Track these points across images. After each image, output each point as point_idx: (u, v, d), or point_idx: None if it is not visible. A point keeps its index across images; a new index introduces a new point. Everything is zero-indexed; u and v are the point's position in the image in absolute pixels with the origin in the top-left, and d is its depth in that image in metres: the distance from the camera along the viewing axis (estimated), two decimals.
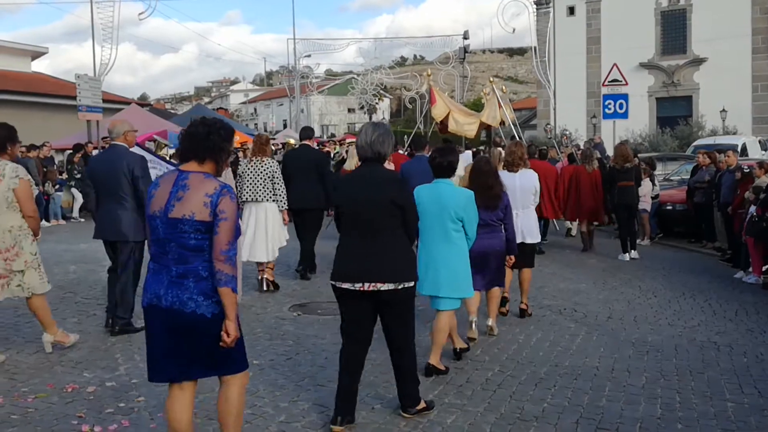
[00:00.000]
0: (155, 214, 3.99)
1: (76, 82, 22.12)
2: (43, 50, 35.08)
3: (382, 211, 5.03)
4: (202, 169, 4.04)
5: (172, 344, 4.01)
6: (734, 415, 5.65)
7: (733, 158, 13.32)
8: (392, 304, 5.12)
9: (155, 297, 4.01)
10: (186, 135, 4.15)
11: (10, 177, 6.54)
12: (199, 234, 3.92)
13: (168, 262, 3.98)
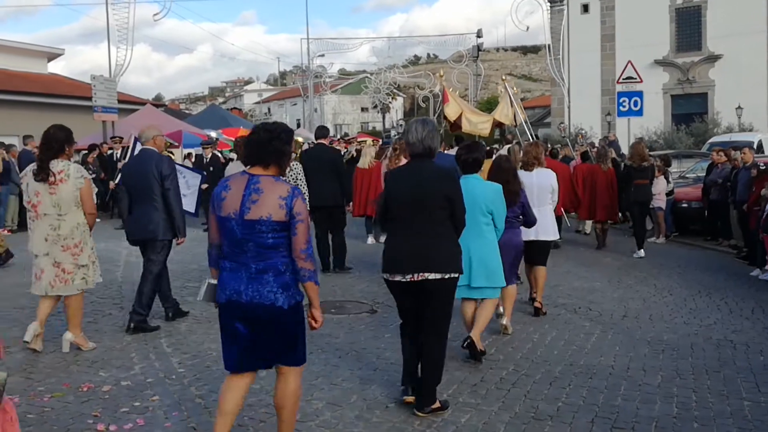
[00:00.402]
0: (230, 217, 4.23)
1: (91, 83, 22.25)
2: (59, 51, 35.26)
3: (434, 205, 5.28)
4: (268, 173, 4.29)
5: (250, 337, 4.30)
6: (751, 414, 5.61)
7: (749, 155, 13.23)
8: (436, 293, 5.34)
9: (235, 293, 4.25)
10: (249, 141, 4.41)
11: (75, 177, 6.89)
12: (275, 233, 4.19)
13: (246, 260, 4.24)
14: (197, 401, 5.78)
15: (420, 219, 5.31)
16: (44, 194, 6.87)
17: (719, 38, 34.67)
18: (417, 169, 5.45)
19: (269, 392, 5.92)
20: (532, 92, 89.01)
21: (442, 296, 5.41)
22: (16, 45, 32.30)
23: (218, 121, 28.46)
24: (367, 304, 9.21)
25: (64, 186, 6.85)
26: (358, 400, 5.83)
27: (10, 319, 8.61)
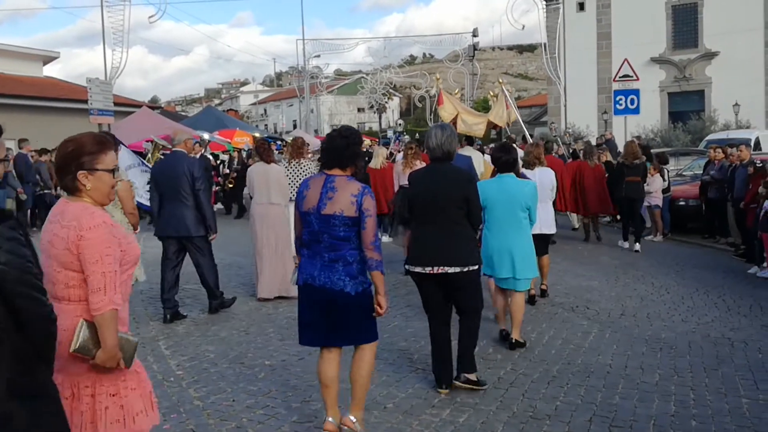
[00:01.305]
0: (309, 211, 4.79)
1: (87, 86, 22.20)
2: (54, 55, 35.21)
3: (453, 204, 5.74)
4: (345, 173, 4.82)
5: (322, 316, 4.82)
6: (749, 411, 5.61)
7: (746, 153, 13.24)
8: (459, 284, 5.83)
9: (310, 277, 4.81)
10: (329, 147, 4.91)
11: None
12: (347, 227, 4.71)
13: (321, 250, 4.78)
14: (196, 403, 5.78)
15: (440, 217, 5.75)
16: None
17: (716, 35, 34.68)
18: (437, 172, 5.88)
19: (267, 394, 5.94)
20: (528, 91, 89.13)
21: (466, 286, 5.88)
22: (12, 48, 32.25)
23: (214, 122, 28.39)
24: None
25: None
26: None
27: None
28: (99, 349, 3.19)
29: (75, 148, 3.32)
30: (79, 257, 3.17)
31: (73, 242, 3.17)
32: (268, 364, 6.82)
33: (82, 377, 3.26)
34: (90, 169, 3.30)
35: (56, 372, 3.09)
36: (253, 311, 9.06)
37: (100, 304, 3.16)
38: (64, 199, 3.37)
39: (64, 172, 3.32)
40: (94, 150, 3.34)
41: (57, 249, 3.22)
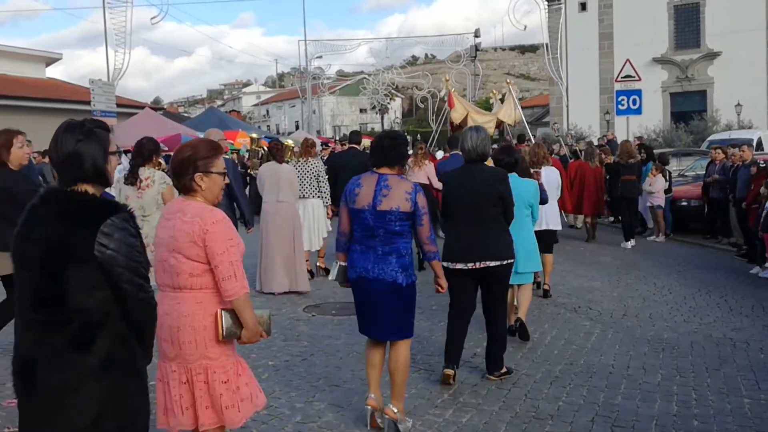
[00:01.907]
0: (364, 209, 5.07)
1: (90, 87, 22.22)
2: (57, 56, 35.23)
3: (489, 202, 6.08)
4: (393, 172, 5.16)
5: (375, 307, 5.13)
6: (751, 411, 5.63)
7: (748, 153, 13.25)
8: (497, 276, 6.18)
9: (364, 270, 5.10)
10: (377, 148, 5.29)
11: (159, 183, 7.55)
12: (401, 222, 5.04)
13: (375, 244, 5.07)
14: None
15: (476, 215, 6.07)
16: (132, 197, 7.47)
17: (718, 35, 34.65)
18: (473, 172, 6.19)
19: (271, 394, 5.95)
20: (530, 91, 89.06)
21: (503, 279, 6.29)
22: (14, 50, 32.29)
23: (217, 123, 28.29)
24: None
25: (149, 191, 7.52)
26: (359, 401, 5.83)
27: (13, 322, 8.62)
28: (242, 329, 3.67)
29: (192, 153, 3.74)
30: (205, 249, 3.57)
31: (199, 235, 3.57)
32: (271, 364, 6.84)
33: (194, 365, 3.65)
34: (205, 171, 3.72)
35: (171, 360, 3.68)
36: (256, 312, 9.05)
37: (233, 290, 3.59)
38: (180, 198, 3.80)
39: (182, 174, 3.72)
40: (208, 155, 3.75)
41: (181, 242, 3.60)
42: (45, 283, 2.94)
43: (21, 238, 3.04)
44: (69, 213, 2.97)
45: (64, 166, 3.05)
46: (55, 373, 2.91)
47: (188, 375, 3.66)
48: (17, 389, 3.06)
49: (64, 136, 3.06)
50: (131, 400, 3.06)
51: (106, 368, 2.95)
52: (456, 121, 18.81)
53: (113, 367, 2.98)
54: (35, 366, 2.95)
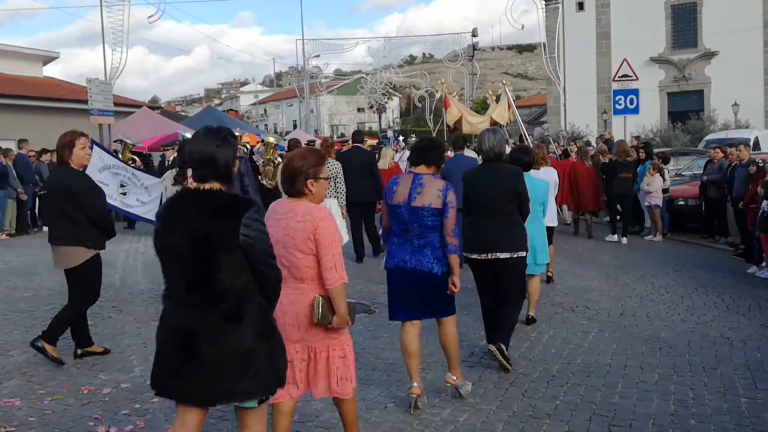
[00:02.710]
0: (399, 204, 5.52)
1: (87, 87, 22.21)
2: (54, 55, 35.16)
3: (506, 198, 6.49)
4: (429, 172, 5.61)
5: (410, 294, 5.56)
6: (748, 410, 5.64)
7: (745, 152, 13.27)
8: (508, 269, 6.51)
9: (401, 261, 5.56)
10: (416, 148, 5.81)
11: None
12: (434, 217, 5.46)
13: (411, 237, 5.53)
14: None
15: (494, 210, 6.47)
16: None
17: (715, 35, 34.72)
18: (491, 170, 6.59)
19: None
20: (527, 91, 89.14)
21: (512, 271, 6.57)
22: (11, 49, 32.20)
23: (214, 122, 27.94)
24: (365, 305, 9.23)
25: None
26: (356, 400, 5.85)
27: (9, 322, 8.64)
28: (333, 316, 4.23)
29: (304, 162, 4.30)
30: (315, 243, 4.16)
31: (311, 231, 4.15)
32: None
33: (317, 344, 4.34)
34: (315, 177, 4.29)
35: (295, 342, 4.31)
36: None
37: (333, 280, 4.19)
38: (289, 200, 4.34)
39: (295, 180, 4.28)
40: (317, 163, 4.34)
41: (296, 239, 4.19)
42: (197, 270, 3.48)
43: (165, 234, 3.58)
44: (211, 209, 3.50)
45: (201, 165, 3.60)
46: (216, 344, 3.48)
47: (310, 353, 4.35)
48: (169, 354, 3.57)
49: (205, 140, 3.63)
50: (276, 358, 3.70)
51: (256, 334, 3.56)
52: (450, 122, 19.74)
53: (260, 333, 3.59)
54: (195, 338, 3.49)
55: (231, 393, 3.55)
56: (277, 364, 3.70)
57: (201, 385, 3.52)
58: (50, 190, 6.90)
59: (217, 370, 3.49)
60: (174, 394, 3.62)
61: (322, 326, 4.27)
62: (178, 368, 3.54)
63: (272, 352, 3.66)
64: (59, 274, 7.47)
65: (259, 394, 3.63)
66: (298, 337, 4.32)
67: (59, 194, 6.65)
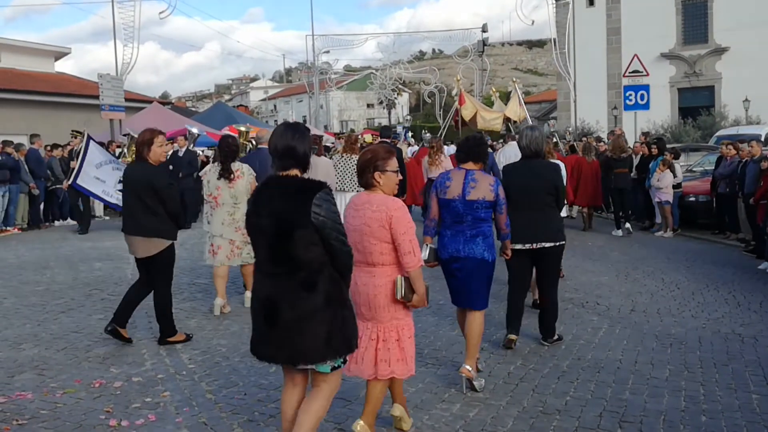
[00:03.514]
0: (454, 198, 5.99)
1: (98, 82, 22.28)
2: (66, 50, 35.30)
3: (545, 191, 6.95)
4: (477, 167, 6.10)
5: (466, 281, 6.02)
6: (759, 407, 5.62)
7: (757, 148, 13.21)
8: (551, 256, 7.05)
9: (455, 251, 6.02)
10: (463, 147, 6.27)
11: (248, 174, 8.62)
12: (486, 209, 5.99)
13: (464, 228, 6.00)
14: (208, 397, 5.82)
15: (534, 202, 6.83)
16: (224, 188, 8.56)
17: (726, 31, 34.52)
18: (530, 166, 7.05)
19: (278, 388, 5.96)
20: (537, 87, 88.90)
21: (555, 258, 7.16)
22: (24, 44, 32.38)
23: (224, 118, 28.38)
24: None
25: (239, 181, 8.55)
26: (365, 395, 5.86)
27: (21, 316, 8.67)
28: (413, 294, 4.67)
29: (372, 156, 4.71)
30: (390, 231, 4.57)
31: (386, 220, 4.56)
32: None
33: (387, 325, 4.73)
34: (382, 170, 4.67)
35: (367, 320, 4.77)
36: None
37: (412, 264, 4.61)
38: (365, 193, 4.73)
39: (365, 172, 4.69)
40: (385, 157, 4.71)
41: (372, 227, 4.58)
42: (279, 244, 4.00)
43: (254, 215, 4.12)
44: (290, 192, 4.01)
45: (283, 155, 4.10)
46: (293, 308, 3.98)
47: (378, 333, 4.75)
48: (259, 322, 4.12)
49: (285, 134, 4.13)
50: (347, 324, 4.11)
51: (328, 302, 4.00)
52: (466, 118, 20.76)
53: (332, 301, 4.03)
54: (277, 304, 4.01)
55: (307, 355, 4.02)
56: (348, 333, 4.11)
57: (283, 348, 4.05)
58: (131, 185, 7.24)
59: (295, 333, 3.99)
60: (265, 356, 4.17)
61: (390, 309, 4.71)
62: (266, 333, 4.09)
63: (344, 321, 4.09)
64: (70, 268, 7.53)
65: (332, 358, 4.07)
66: (369, 317, 4.76)
67: (141, 189, 7.08)
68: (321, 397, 4.18)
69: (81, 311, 8.83)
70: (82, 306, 9.11)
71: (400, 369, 4.79)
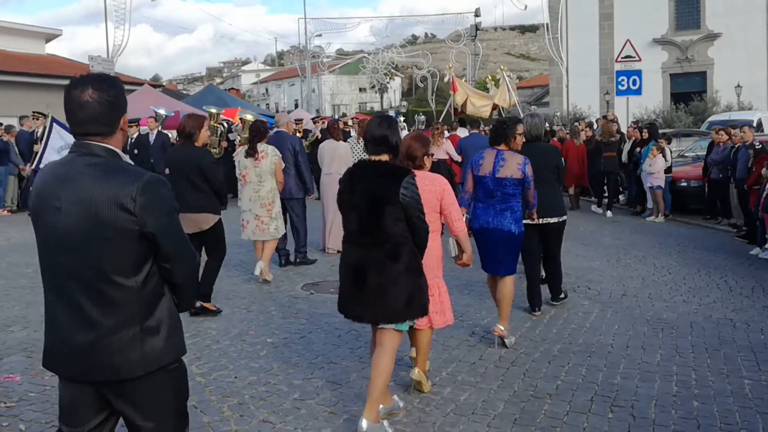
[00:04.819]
0: (486, 176, 6.70)
1: (89, 64, 22.15)
2: (56, 32, 35.00)
3: (548, 171, 7.66)
4: (507, 148, 6.80)
5: (490, 250, 6.77)
6: (751, 392, 5.63)
7: (749, 134, 13.20)
8: (555, 231, 7.84)
9: (485, 222, 6.72)
10: (494, 129, 7.00)
11: (272, 155, 9.29)
12: (514, 186, 6.65)
13: (494, 203, 6.68)
14: (198, 380, 5.79)
15: (538, 181, 7.06)
16: (251, 168, 9.24)
17: (718, 16, 34.43)
18: (533, 149, 7.55)
19: (269, 371, 5.96)
20: (530, 72, 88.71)
21: (559, 232, 7.96)
22: (14, 26, 32.08)
23: (215, 101, 28.03)
24: None
25: (264, 161, 9.23)
26: (357, 378, 5.85)
27: (10, 298, 8.63)
28: (463, 253, 5.62)
29: (421, 144, 5.45)
30: (441, 202, 5.36)
31: (439, 193, 5.35)
32: (269, 341, 6.84)
33: (431, 283, 5.14)
34: (428, 154, 5.46)
35: None
36: (255, 290, 9.08)
37: (461, 228, 5.54)
38: (416, 172, 4.99)
39: (418, 156, 5.36)
40: (427, 144, 5.54)
41: (427, 198, 5.03)
42: (370, 218, 4.65)
43: (348, 192, 4.76)
44: (384, 175, 4.68)
45: (377, 143, 4.80)
46: (379, 274, 4.64)
47: (432, 289, 5.21)
48: (348, 285, 4.77)
49: (381, 125, 4.85)
50: (424, 293, 4.82)
51: (409, 271, 4.70)
52: (458, 104, 21.57)
53: (412, 270, 4.72)
54: (365, 270, 4.67)
55: (389, 315, 4.70)
56: (423, 298, 4.81)
57: (368, 308, 4.73)
58: (179, 166, 7.75)
59: (380, 296, 4.65)
60: (352, 315, 4.87)
61: (435, 268, 5.41)
62: (354, 295, 4.76)
63: (421, 288, 4.79)
64: None
65: (411, 318, 4.82)
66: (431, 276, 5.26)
67: (188, 169, 7.63)
68: (389, 355, 4.80)
69: None
70: None
71: (438, 320, 5.46)
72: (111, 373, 2.87)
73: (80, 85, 2.92)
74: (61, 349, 2.99)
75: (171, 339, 2.96)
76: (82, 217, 2.80)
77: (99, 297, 2.84)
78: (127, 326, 2.85)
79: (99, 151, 2.90)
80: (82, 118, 2.90)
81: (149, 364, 2.88)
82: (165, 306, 2.95)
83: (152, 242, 2.84)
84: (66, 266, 2.87)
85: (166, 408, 3.01)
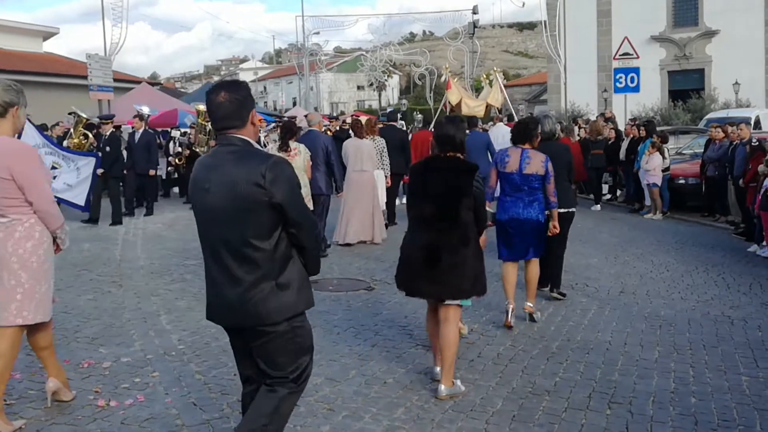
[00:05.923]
0: (513, 172, 7.25)
1: (87, 62, 22.11)
2: (54, 30, 34.98)
3: (561, 167, 7.94)
4: (530, 146, 7.33)
5: (518, 239, 7.35)
6: (749, 388, 5.64)
7: (746, 131, 13.21)
8: (563, 221, 7.93)
9: (515, 213, 7.28)
10: (516, 129, 7.53)
11: (304, 152, 9.93)
12: (539, 181, 7.24)
13: (522, 196, 7.27)
14: (197, 377, 5.80)
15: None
16: None
17: (716, 14, 34.40)
18: (549, 147, 7.91)
19: None
20: (528, 69, 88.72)
21: (567, 222, 8.28)
22: (11, 24, 32.05)
23: None
24: (364, 282, 9.24)
25: (297, 158, 9.67)
26: (356, 375, 5.86)
27: None
28: None
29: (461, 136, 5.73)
30: None
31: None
32: None
33: None
34: None
35: None
36: None
37: None
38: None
39: (460, 148, 5.58)
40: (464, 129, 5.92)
41: None
42: (446, 205, 5.35)
43: (422, 184, 5.47)
44: (460, 169, 5.42)
45: (446, 142, 5.52)
46: (453, 255, 5.31)
47: None
48: (417, 264, 5.38)
49: (448, 126, 5.58)
50: (484, 273, 5.54)
51: (475, 254, 5.42)
52: (453, 103, 22.45)
53: (477, 253, 5.46)
54: (438, 251, 5.31)
55: (458, 291, 5.38)
56: (484, 278, 5.54)
57: (437, 286, 5.36)
58: None
59: (450, 275, 5.30)
60: (417, 293, 5.51)
61: None
62: (424, 273, 5.34)
63: (483, 270, 5.51)
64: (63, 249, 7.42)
65: (476, 294, 5.52)
66: None
67: None
68: (453, 327, 5.40)
69: (69, 292, 8.79)
70: (71, 287, 9.07)
71: None
72: (256, 319, 3.56)
73: (215, 90, 3.60)
74: (218, 302, 3.69)
75: (301, 293, 3.66)
76: (226, 194, 3.48)
77: (242, 258, 3.53)
78: (265, 281, 3.53)
79: (236, 141, 3.57)
80: (220, 116, 3.57)
81: (285, 312, 3.60)
82: (294, 267, 3.62)
83: (280, 212, 3.47)
84: (217, 235, 3.57)
85: (293, 355, 3.77)
